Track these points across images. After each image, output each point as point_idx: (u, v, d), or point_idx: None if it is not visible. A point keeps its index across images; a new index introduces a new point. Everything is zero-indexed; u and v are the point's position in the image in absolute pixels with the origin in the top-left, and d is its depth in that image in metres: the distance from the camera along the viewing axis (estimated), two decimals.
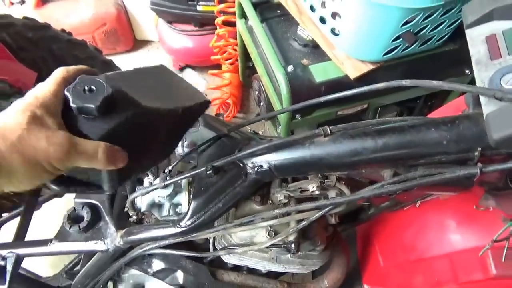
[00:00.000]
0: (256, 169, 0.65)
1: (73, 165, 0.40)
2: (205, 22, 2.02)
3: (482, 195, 0.69)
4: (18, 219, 0.99)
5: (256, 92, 1.88)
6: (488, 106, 0.42)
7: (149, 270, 0.82)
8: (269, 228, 0.69)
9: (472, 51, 0.48)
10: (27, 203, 1.05)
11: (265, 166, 0.64)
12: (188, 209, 0.65)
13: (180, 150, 0.73)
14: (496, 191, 0.65)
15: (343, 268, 0.87)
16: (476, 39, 0.48)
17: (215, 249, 0.76)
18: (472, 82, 0.67)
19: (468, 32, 0.50)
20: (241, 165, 0.66)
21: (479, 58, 0.47)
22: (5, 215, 1.21)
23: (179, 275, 0.81)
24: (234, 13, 1.64)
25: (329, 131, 0.62)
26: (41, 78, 0.43)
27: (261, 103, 1.76)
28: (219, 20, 1.77)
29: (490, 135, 0.41)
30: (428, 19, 1.09)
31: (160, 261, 0.82)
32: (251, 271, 0.90)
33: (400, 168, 0.62)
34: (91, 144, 0.41)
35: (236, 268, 0.87)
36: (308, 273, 0.88)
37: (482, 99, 0.44)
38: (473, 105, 0.58)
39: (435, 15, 1.08)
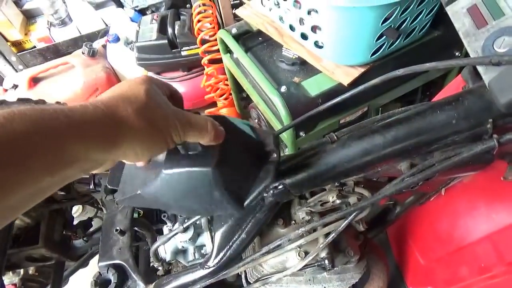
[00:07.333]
0: (272, 192, 0.63)
1: (186, 137, 0.43)
2: (192, 66, 2.07)
3: (507, 168, 0.67)
4: None
5: (256, 121, 1.89)
6: (488, 74, 0.42)
7: None
8: (299, 249, 0.67)
9: (457, 26, 0.48)
10: (53, 275, 1.05)
11: (280, 186, 0.63)
12: (213, 247, 0.63)
13: None
14: None
15: (383, 275, 0.83)
16: (458, 13, 0.48)
17: (248, 283, 0.74)
18: None
19: (449, 9, 0.50)
20: None
21: (466, 30, 0.46)
22: None
23: None
24: (218, 51, 1.68)
25: (335, 137, 0.61)
26: None
27: None
28: (205, 60, 1.81)
29: (497, 101, 0.40)
30: (406, 12, 1.10)
31: None
32: None
33: (416, 158, 0.61)
34: (200, 117, 0.45)
35: None
36: None
37: (480, 68, 0.43)
38: (472, 79, 0.57)
39: (411, 6, 1.09)
